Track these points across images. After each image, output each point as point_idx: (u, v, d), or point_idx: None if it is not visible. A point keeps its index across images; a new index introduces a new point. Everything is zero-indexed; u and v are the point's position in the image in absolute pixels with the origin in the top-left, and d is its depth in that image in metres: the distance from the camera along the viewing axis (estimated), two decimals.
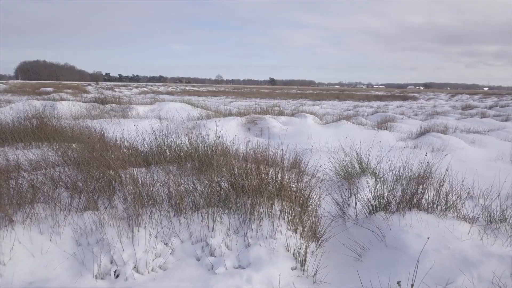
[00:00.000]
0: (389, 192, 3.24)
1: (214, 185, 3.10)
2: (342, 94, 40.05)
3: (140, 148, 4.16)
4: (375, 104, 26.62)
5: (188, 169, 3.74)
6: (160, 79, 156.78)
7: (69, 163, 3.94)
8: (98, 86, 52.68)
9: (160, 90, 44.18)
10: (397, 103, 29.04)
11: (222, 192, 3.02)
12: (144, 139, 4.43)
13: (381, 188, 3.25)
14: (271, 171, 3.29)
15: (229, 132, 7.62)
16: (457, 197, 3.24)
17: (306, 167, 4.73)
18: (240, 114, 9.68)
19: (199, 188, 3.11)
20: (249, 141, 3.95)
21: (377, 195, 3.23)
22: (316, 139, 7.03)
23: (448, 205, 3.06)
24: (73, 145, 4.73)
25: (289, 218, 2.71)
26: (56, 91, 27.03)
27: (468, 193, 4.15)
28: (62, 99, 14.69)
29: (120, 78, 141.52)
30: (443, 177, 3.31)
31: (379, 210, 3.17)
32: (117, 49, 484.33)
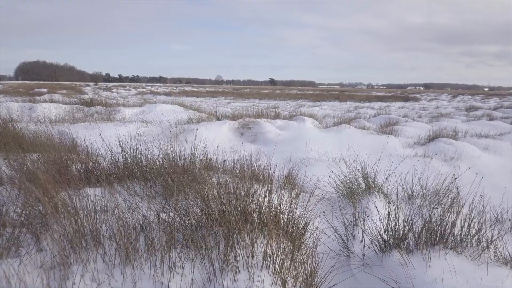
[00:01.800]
0: (405, 222, 2.55)
1: (181, 216, 2.41)
2: (343, 94, 39.40)
3: (102, 163, 3.47)
4: (376, 105, 25.94)
5: (157, 191, 3.05)
6: (160, 80, 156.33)
7: (15, 181, 3.25)
8: (97, 86, 52.34)
9: (158, 90, 43.61)
10: (399, 104, 28.33)
11: (191, 225, 2.33)
12: (111, 150, 3.75)
13: (395, 217, 2.55)
14: (255, 195, 2.60)
15: (220, 138, 6.93)
16: (493, 229, 2.54)
17: (302, 183, 4.05)
18: (234, 117, 8.97)
19: (165, 217, 2.43)
20: (225, 160, 3.24)
21: (390, 228, 2.53)
22: (314, 146, 6.32)
23: (483, 242, 2.37)
24: (34, 155, 4.05)
25: (276, 268, 2.00)
26: (50, 92, 26.39)
27: (497, 217, 3.46)
28: (53, 101, 13.98)
29: (120, 79, 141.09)
30: (475, 204, 2.61)
31: (393, 247, 2.48)
32: (117, 49, 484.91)
